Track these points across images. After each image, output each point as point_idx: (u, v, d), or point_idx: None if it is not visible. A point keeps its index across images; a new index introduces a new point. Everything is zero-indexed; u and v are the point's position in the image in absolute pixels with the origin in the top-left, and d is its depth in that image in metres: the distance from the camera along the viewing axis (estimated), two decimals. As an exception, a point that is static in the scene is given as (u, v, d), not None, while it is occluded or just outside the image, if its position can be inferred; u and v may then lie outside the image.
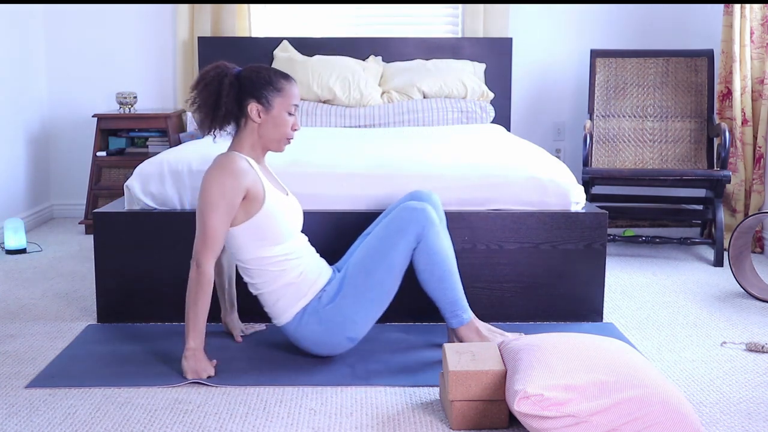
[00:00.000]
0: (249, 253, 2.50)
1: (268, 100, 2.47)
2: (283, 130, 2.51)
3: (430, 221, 2.53)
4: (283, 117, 2.49)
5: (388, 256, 2.51)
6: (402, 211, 2.54)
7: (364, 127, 4.31)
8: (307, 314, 2.52)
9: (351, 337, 2.54)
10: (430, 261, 2.53)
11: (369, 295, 2.51)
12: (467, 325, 2.60)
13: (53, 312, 3.13)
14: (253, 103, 2.47)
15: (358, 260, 2.54)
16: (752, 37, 4.21)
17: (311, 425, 2.16)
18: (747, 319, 3.10)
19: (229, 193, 2.41)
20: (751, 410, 2.27)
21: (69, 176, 5.02)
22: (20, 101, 4.65)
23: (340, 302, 2.51)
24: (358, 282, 2.51)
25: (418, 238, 2.52)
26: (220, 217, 2.41)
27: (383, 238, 2.53)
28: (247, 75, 2.49)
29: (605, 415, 1.95)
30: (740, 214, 4.29)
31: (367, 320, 2.54)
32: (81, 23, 4.89)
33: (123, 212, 2.97)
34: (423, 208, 2.53)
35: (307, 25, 4.95)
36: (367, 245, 2.55)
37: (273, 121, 2.49)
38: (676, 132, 4.43)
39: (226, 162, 2.43)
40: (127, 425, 2.16)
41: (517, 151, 3.25)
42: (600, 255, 2.98)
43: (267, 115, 2.48)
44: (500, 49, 4.76)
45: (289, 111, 2.50)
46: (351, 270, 2.53)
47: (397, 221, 2.54)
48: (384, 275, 2.51)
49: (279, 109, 2.49)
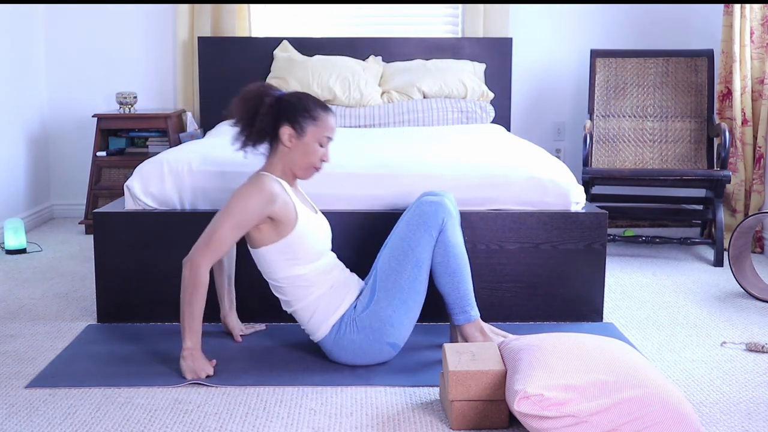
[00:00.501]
0: (282, 272, 2.51)
1: (301, 126, 2.49)
2: (311, 159, 2.52)
3: (449, 213, 2.56)
4: (314, 146, 2.50)
5: (414, 253, 2.52)
6: (421, 206, 2.57)
7: (364, 127, 4.31)
8: (345, 324, 2.51)
9: (392, 343, 2.52)
10: (446, 253, 2.54)
11: (401, 295, 2.51)
12: (473, 323, 2.60)
13: (53, 312, 3.13)
14: (286, 127, 2.48)
15: (386, 263, 2.54)
16: (752, 37, 4.21)
17: (311, 425, 2.16)
18: (747, 319, 3.10)
19: (250, 213, 2.42)
20: (751, 410, 2.27)
21: (69, 176, 5.02)
22: (20, 101, 4.65)
23: (374, 307, 2.50)
24: (389, 284, 2.51)
25: (439, 230, 2.53)
26: (234, 230, 2.42)
27: (406, 237, 2.54)
28: (287, 99, 2.51)
29: (605, 415, 1.95)
30: (740, 214, 4.29)
31: (404, 322, 2.52)
32: (81, 23, 4.89)
33: (123, 212, 2.97)
34: (441, 201, 2.56)
35: (307, 25, 4.95)
36: (392, 247, 2.56)
37: (303, 148, 2.50)
38: (676, 132, 4.43)
39: (260, 184, 2.44)
40: (127, 425, 2.16)
41: (517, 151, 3.25)
42: (600, 255, 2.98)
43: (298, 140, 2.49)
44: (500, 49, 4.76)
45: (321, 142, 2.51)
46: (380, 274, 2.53)
47: (417, 217, 2.55)
48: (413, 273, 2.51)
49: (311, 138, 2.50)
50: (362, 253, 2.88)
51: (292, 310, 2.57)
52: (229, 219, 2.42)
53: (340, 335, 2.51)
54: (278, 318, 2.88)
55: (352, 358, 2.53)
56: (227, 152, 3.10)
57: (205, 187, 2.98)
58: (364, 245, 2.90)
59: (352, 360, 2.54)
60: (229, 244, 2.44)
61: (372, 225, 2.94)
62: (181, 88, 4.88)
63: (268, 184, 2.45)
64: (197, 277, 2.41)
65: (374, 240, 2.89)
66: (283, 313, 2.88)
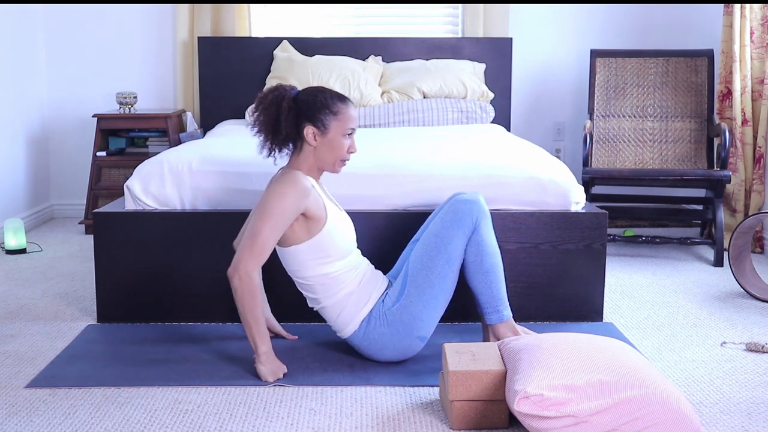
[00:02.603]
0: (311, 270, 2.51)
1: (324, 124, 2.48)
2: (339, 152, 2.51)
3: (483, 213, 2.58)
4: (339, 140, 2.50)
5: (447, 249, 2.53)
6: (456, 204, 2.58)
7: (364, 127, 4.31)
8: (374, 319, 2.52)
9: (421, 336, 2.53)
10: (480, 252, 2.55)
11: (432, 291, 2.51)
12: (505, 323, 2.60)
13: (53, 312, 3.13)
14: (309, 127, 2.48)
15: (417, 258, 2.55)
16: (752, 37, 4.21)
17: (311, 425, 2.16)
18: (747, 319, 3.10)
19: (289, 210, 2.41)
20: (751, 410, 2.27)
21: (69, 176, 5.02)
22: (20, 101, 4.65)
23: (404, 302, 2.51)
24: (420, 279, 2.52)
25: (472, 229, 2.55)
26: (274, 230, 2.41)
27: (439, 234, 2.55)
28: (304, 98, 2.50)
29: (605, 415, 1.95)
30: (740, 214, 4.29)
31: (433, 317, 2.54)
32: (81, 23, 4.89)
33: (123, 212, 2.97)
34: (476, 200, 2.58)
35: (307, 25, 4.95)
36: (425, 242, 2.57)
37: (329, 144, 2.49)
38: (676, 132, 4.43)
39: (293, 180, 2.44)
40: (127, 425, 2.16)
41: (517, 151, 3.25)
42: (600, 255, 2.98)
43: (323, 138, 2.49)
44: (500, 49, 4.76)
45: (346, 133, 2.51)
46: (412, 269, 2.54)
47: (451, 214, 2.56)
48: (445, 269, 2.52)
49: (335, 132, 2.49)
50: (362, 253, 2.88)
51: (320, 307, 2.57)
52: (270, 220, 2.40)
53: (369, 330, 2.52)
54: (278, 318, 2.87)
55: (381, 351, 2.54)
56: (227, 152, 3.10)
57: (205, 187, 2.98)
58: (363, 245, 2.90)
59: (381, 354, 2.54)
60: (272, 245, 2.42)
61: (372, 225, 2.94)
62: (181, 88, 4.88)
63: (301, 180, 2.44)
64: (250, 283, 2.39)
65: (374, 239, 2.89)
66: (283, 313, 2.89)
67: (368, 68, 4.58)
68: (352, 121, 2.52)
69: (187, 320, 2.97)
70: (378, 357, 2.56)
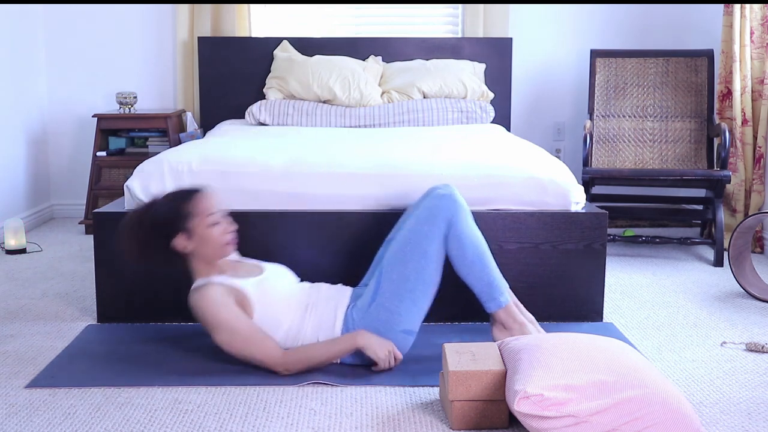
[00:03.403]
0: (275, 334, 2.52)
1: (186, 229, 2.49)
2: (216, 242, 2.51)
3: (459, 205, 2.58)
4: (208, 233, 2.50)
5: (421, 244, 2.53)
6: (431, 200, 2.58)
7: (364, 127, 4.31)
8: (351, 329, 2.52)
9: (406, 330, 2.53)
10: (460, 245, 2.56)
11: (407, 285, 2.51)
12: (505, 308, 2.60)
13: (53, 312, 3.13)
14: (176, 239, 2.49)
15: (392, 254, 2.55)
16: (752, 37, 4.21)
17: (311, 425, 2.16)
18: (747, 319, 3.10)
19: (227, 303, 2.44)
20: (751, 410, 2.27)
21: (69, 176, 5.02)
22: (20, 101, 4.65)
23: (379, 299, 2.52)
24: (394, 275, 2.52)
25: (448, 224, 2.55)
26: (242, 320, 2.44)
27: (414, 229, 2.56)
28: (155, 219, 2.49)
29: (605, 415, 1.95)
30: (740, 214, 4.29)
31: (412, 310, 2.53)
32: (81, 23, 4.89)
33: (123, 212, 2.97)
34: (451, 194, 2.58)
35: (307, 25, 4.95)
36: (399, 240, 2.57)
37: (202, 242, 2.50)
38: (676, 132, 4.43)
39: (208, 296, 2.45)
40: (127, 425, 2.16)
41: (517, 151, 3.25)
42: (600, 255, 2.98)
43: (193, 240, 2.50)
44: (500, 49, 4.76)
45: (210, 224, 2.50)
46: (386, 265, 2.55)
47: (426, 210, 2.57)
48: (420, 264, 2.52)
49: (200, 229, 2.50)
50: (361, 253, 2.88)
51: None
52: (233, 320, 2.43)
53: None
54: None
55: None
56: (227, 152, 3.10)
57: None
58: (363, 245, 2.90)
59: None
60: (260, 329, 2.45)
61: (372, 225, 2.93)
62: (181, 88, 4.88)
63: (214, 292, 2.45)
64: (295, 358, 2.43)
65: (374, 240, 2.89)
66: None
67: (368, 68, 4.58)
68: (209, 209, 2.51)
69: (187, 320, 2.96)
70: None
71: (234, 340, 2.43)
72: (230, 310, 2.44)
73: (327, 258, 2.94)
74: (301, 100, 4.47)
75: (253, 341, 2.44)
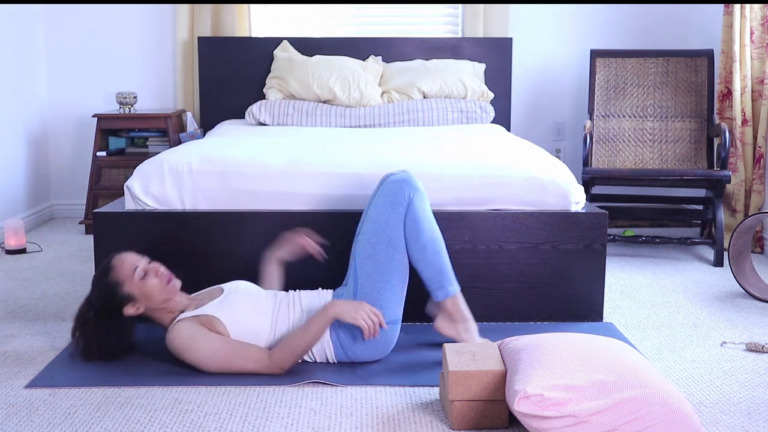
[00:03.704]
0: (258, 342, 2.52)
1: (123, 296, 2.51)
2: (155, 289, 2.52)
3: (415, 189, 2.58)
4: (143, 285, 2.51)
5: (385, 232, 2.54)
6: (387, 186, 2.59)
7: (364, 127, 4.31)
8: (339, 328, 2.52)
9: (390, 320, 2.53)
10: (415, 229, 2.55)
11: (383, 276, 2.52)
12: (452, 297, 2.59)
13: (53, 312, 3.13)
14: (125, 311, 2.51)
15: (362, 249, 2.56)
16: (752, 37, 4.21)
17: (311, 425, 2.16)
18: (747, 319, 3.10)
19: (199, 331, 2.45)
20: (751, 410, 2.27)
21: (69, 176, 5.02)
22: (20, 101, 4.65)
23: (360, 295, 2.52)
24: (368, 269, 2.52)
25: (406, 207, 2.55)
26: (218, 340, 2.45)
27: (376, 220, 2.56)
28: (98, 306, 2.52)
29: (605, 415, 1.95)
30: (740, 214, 4.29)
31: (393, 300, 2.53)
32: (81, 23, 4.89)
33: (123, 212, 2.97)
34: (407, 178, 2.59)
35: (307, 25, 4.95)
36: (365, 232, 2.58)
37: (143, 296, 2.52)
38: (676, 132, 4.43)
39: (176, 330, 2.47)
40: (127, 425, 2.16)
41: (517, 151, 3.25)
42: (600, 255, 2.98)
43: (138, 301, 2.52)
44: (500, 49, 4.76)
45: (138, 278, 2.51)
46: (359, 261, 2.55)
47: (384, 197, 2.57)
48: (390, 252, 2.53)
49: (135, 290, 2.51)
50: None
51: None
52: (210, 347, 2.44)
53: (342, 339, 2.52)
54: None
55: (365, 352, 2.54)
56: (227, 152, 3.10)
57: (205, 187, 2.98)
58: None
59: (366, 354, 2.54)
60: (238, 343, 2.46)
61: (372, 225, 2.93)
62: (181, 88, 4.88)
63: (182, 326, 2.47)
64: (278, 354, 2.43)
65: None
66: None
67: (368, 68, 4.58)
68: (131, 267, 2.52)
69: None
70: (366, 357, 2.56)
71: (219, 360, 2.44)
72: (202, 336, 2.45)
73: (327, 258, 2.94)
74: (301, 100, 4.47)
75: (237, 354, 2.44)
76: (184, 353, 2.46)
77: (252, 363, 2.44)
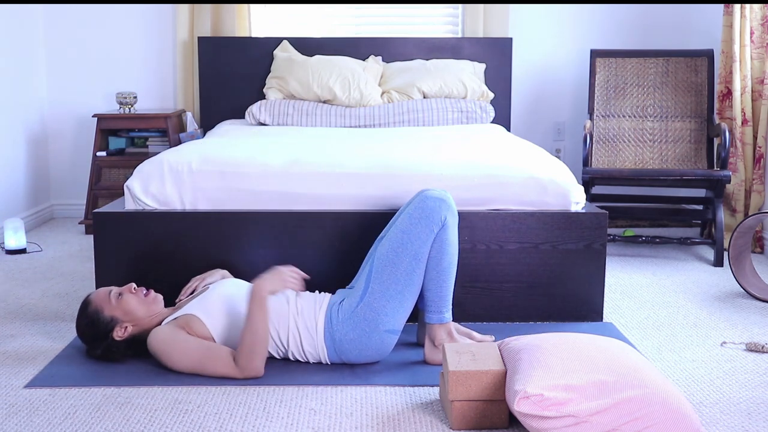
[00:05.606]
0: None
1: (108, 322, 2.53)
2: (135, 306, 2.56)
3: (451, 211, 2.59)
4: (123, 306, 2.54)
5: (413, 245, 2.53)
6: (425, 201, 2.58)
7: (364, 127, 4.31)
8: (336, 331, 2.51)
9: (390, 330, 2.53)
10: (441, 251, 2.55)
11: (397, 287, 2.52)
12: (444, 325, 2.60)
13: (53, 312, 3.13)
14: (114, 332, 2.54)
15: (383, 254, 2.55)
16: (752, 37, 4.21)
17: (311, 425, 2.16)
18: (747, 319, 3.10)
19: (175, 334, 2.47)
20: (751, 410, 2.28)
21: (69, 176, 5.02)
22: (20, 101, 4.65)
23: (368, 299, 2.51)
24: (385, 275, 2.52)
25: (440, 226, 2.55)
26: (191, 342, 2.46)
27: (406, 230, 2.55)
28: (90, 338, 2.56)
29: (605, 415, 1.95)
30: (740, 214, 4.29)
31: (398, 311, 2.53)
32: (81, 23, 4.89)
33: (123, 212, 2.97)
34: (446, 198, 2.59)
35: (307, 25, 4.95)
36: (391, 239, 2.57)
37: (130, 316, 2.55)
38: (676, 132, 4.43)
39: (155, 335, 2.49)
40: (127, 425, 2.16)
41: (517, 151, 3.25)
42: (600, 255, 2.98)
43: (123, 321, 2.54)
44: (500, 49, 4.76)
45: (116, 299, 2.55)
46: (377, 265, 2.54)
47: (419, 211, 2.56)
48: (411, 265, 2.53)
49: (116, 312, 2.54)
50: (361, 253, 2.88)
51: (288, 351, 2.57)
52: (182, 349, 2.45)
53: (337, 341, 2.51)
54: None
55: (358, 356, 2.53)
56: (227, 152, 3.10)
57: (205, 187, 2.98)
58: (363, 245, 2.89)
59: (361, 356, 2.54)
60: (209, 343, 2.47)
61: (372, 225, 2.93)
62: (181, 88, 4.88)
63: (160, 331, 2.50)
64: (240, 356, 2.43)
65: (373, 240, 2.89)
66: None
67: (368, 68, 4.59)
68: (105, 294, 2.57)
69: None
70: (360, 360, 2.55)
71: (190, 363, 2.45)
72: (177, 339, 2.46)
73: (327, 258, 2.94)
74: (301, 100, 4.47)
75: (209, 356, 2.44)
76: (159, 356, 2.49)
77: (222, 366, 2.43)
